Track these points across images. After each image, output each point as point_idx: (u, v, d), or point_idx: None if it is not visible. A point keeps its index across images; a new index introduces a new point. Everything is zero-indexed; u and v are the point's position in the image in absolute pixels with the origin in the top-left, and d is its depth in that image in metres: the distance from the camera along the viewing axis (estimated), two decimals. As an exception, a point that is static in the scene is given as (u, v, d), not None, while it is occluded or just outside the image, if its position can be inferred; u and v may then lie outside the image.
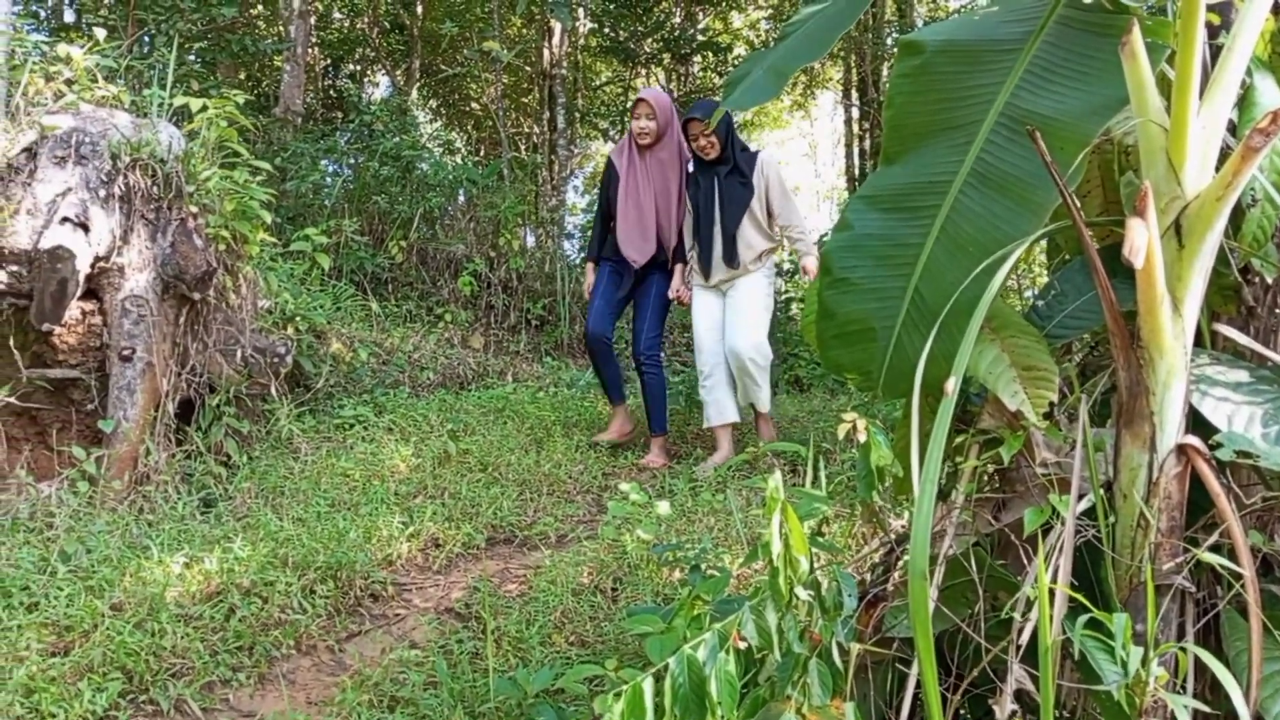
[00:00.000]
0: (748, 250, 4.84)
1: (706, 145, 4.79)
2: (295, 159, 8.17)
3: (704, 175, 4.92)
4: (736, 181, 4.83)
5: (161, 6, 7.81)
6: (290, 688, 2.51)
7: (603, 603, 2.99)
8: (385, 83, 16.38)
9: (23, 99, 4.62)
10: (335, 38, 14.93)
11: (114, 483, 3.56)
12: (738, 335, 4.78)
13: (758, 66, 2.29)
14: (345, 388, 5.49)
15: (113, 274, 3.91)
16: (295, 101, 10.72)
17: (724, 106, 2.24)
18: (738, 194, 4.82)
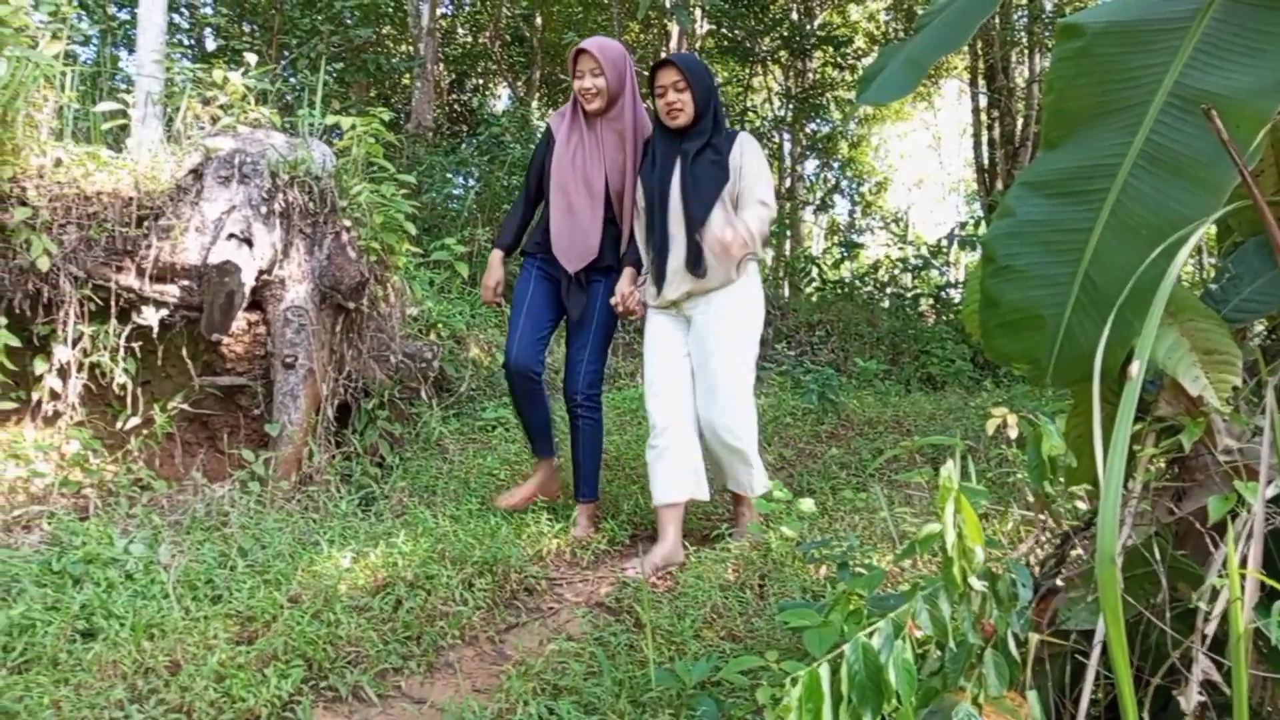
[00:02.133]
0: (720, 254, 3.42)
1: (676, 103, 3.41)
2: (429, 172, 8.47)
3: (664, 146, 3.51)
4: (709, 160, 3.44)
5: (302, 30, 8.21)
6: (455, 675, 2.62)
7: (751, 599, 3.01)
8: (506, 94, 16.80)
9: (183, 124, 4.93)
10: (459, 53, 15.39)
11: (281, 483, 3.77)
12: (713, 398, 3.44)
13: (893, 60, 2.28)
14: (485, 391, 5.66)
15: (275, 286, 4.14)
16: (426, 116, 11.10)
17: (860, 102, 2.22)
18: (708, 176, 3.43)
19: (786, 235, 12.70)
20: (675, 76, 3.40)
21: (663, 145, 3.51)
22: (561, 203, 3.62)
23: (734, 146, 3.48)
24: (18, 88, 3.89)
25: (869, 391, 7.06)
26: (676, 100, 3.41)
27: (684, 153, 3.47)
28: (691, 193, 3.43)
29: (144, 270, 3.89)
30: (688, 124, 3.45)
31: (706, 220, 3.40)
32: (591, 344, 3.65)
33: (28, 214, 3.74)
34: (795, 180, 15.62)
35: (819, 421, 5.68)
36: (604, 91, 3.53)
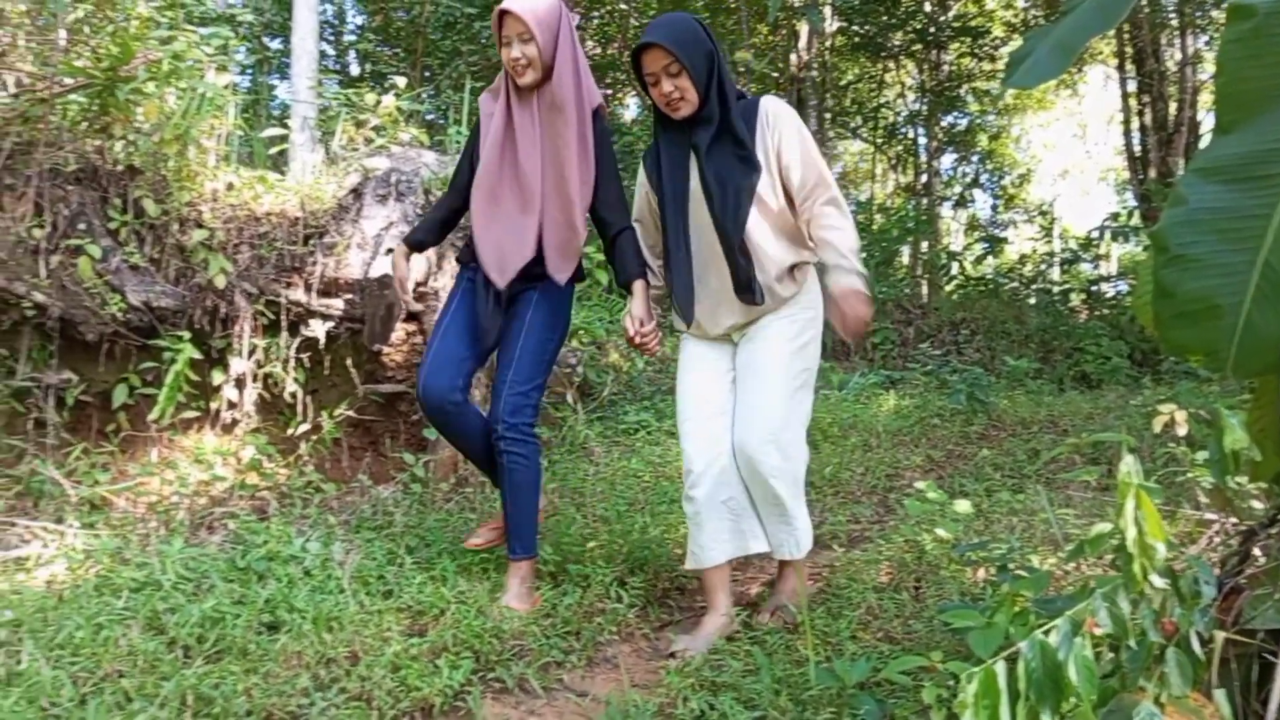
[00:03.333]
0: (772, 267, 2.71)
1: (674, 93, 2.64)
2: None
3: (672, 147, 2.77)
4: (730, 152, 2.68)
5: (444, 52, 8.54)
6: (616, 670, 2.68)
7: (907, 601, 2.98)
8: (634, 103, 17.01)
9: (339, 146, 5.20)
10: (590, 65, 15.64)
11: (440, 484, 3.94)
12: (751, 422, 2.71)
13: (1040, 44, 2.22)
14: (626, 395, 5.76)
15: (429, 297, 4.33)
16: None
17: (1006, 85, 2.16)
18: (735, 173, 2.67)
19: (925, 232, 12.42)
20: (665, 59, 2.60)
21: (666, 141, 2.76)
22: (485, 201, 2.92)
23: (759, 124, 2.69)
24: (192, 117, 4.20)
25: (1020, 391, 6.85)
26: (673, 89, 2.62)
27: (696, 144, 2.69)
28: (717, 200, 2.65)
29: (311, 285, 4.13)
30: (693, 112, 2.67)
31: (744, 232, 2.66)
32: (519, 362, 2.89)
33: (205, 235, 4.03)
34: (932, 175, 15.26)
35: (968, 422, 5.55)
36: (536, 61, 2.78)
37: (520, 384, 2.89)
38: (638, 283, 2.86)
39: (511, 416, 2.87)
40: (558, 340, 3.01)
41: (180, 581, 2.82)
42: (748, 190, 2.65)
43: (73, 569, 3.04)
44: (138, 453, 3.88)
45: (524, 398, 2.90)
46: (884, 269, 10.36)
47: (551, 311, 2.96)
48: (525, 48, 2.77)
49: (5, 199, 3.64)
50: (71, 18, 4.14)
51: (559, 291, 2.97)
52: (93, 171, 3.90)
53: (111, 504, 3.61)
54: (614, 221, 2.92)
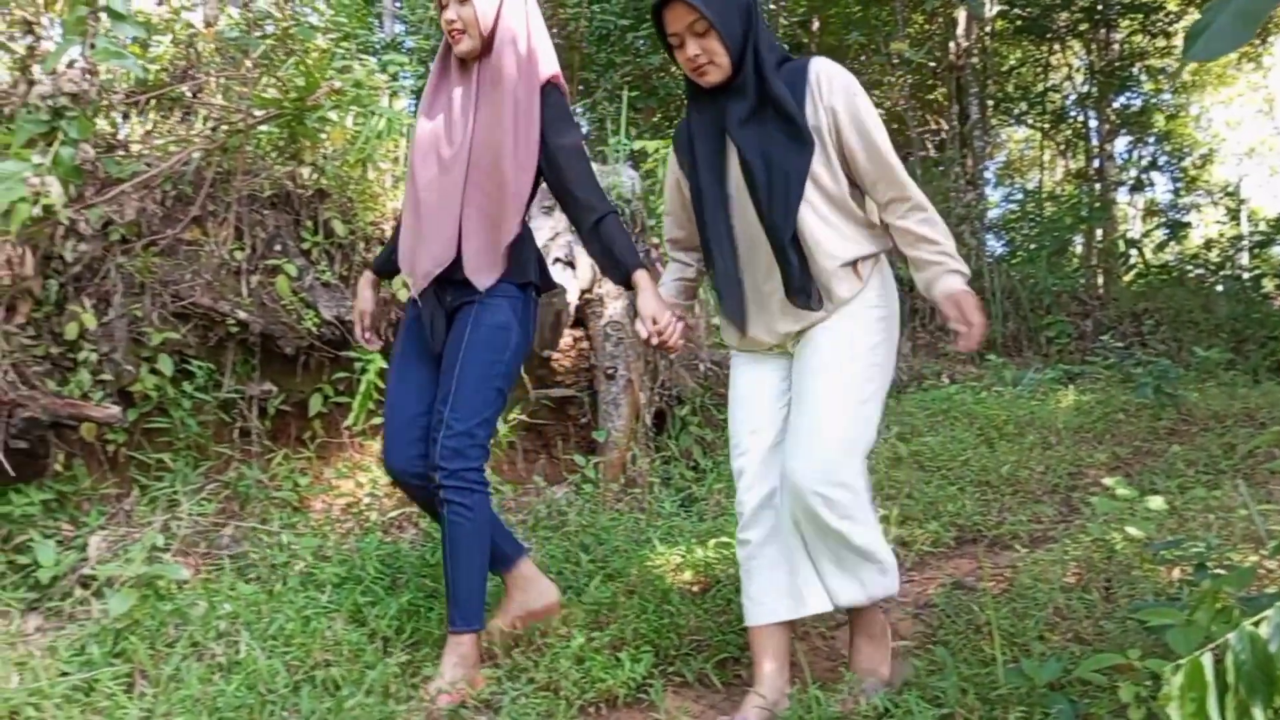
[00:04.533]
0: (828, 263, 2.22)
1: (700, 56, 2.19)
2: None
3: (705, 125, 2.30)
4: (775, 127, 2.20)
5: (599, 64, 8.74)
6: (792, 668, 2.68)
7: (1097, 601, 2.86)
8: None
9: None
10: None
11: (610, 485, 4.04)
12: (801, 452, 2.22)
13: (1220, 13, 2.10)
14: (790, 396, 5.74)
15: (595, 304, 4.45)
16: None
17: (1187, 58, 2.06)
18: (782, 151, 2.19)
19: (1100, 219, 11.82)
20: (690, 15, 2.15)
21: (698, 118, 2.29)
22: (409, 190, 2.51)
23: (809, 89, 2.19)
24: (372, 141, 4.45)
25: (1211, 383, 6.44)
26: (699, 53, 2.17)
27: (729, 119, 2.22)
28: (762, 187, 2.18)
29: (484, 295, 4.31)
30: (724, 79, 2.21)
31: (797, 220, 2.17)
32: (456, 396, 2.37)
33: (389, 252, 4.26)
34: (1105, 160, 14.51)
35: (1156, 417, 5.26)
36: (473, 25, 2.36)
37: (460, 422, 2.36)
38: (639, 274, 2.32)
39: (450, 462, 2.36)
40: (509, 362, 2.44)
41: (378, 577, 2.99)
42: (798, 173, 2.15)
43: (279, 566, 3.28)
44: (332, 457, 4.15)
45: (466, 438, 2.37)
46: (1056, 260, 9.92)
47: (497, 327, 2.40)
48: (461, 8, 2.36)
49: (209, 225, 3.96)
50: (258, 52, 4.46)
51: (507, 302, 2.43)
52: (285, 196, 4.19)
53: (310, 505, 3.87)
54: (589, 206, 2.38)
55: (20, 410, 3.14)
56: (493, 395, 2.43)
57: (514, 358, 2.47)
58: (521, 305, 2.48)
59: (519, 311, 2.47)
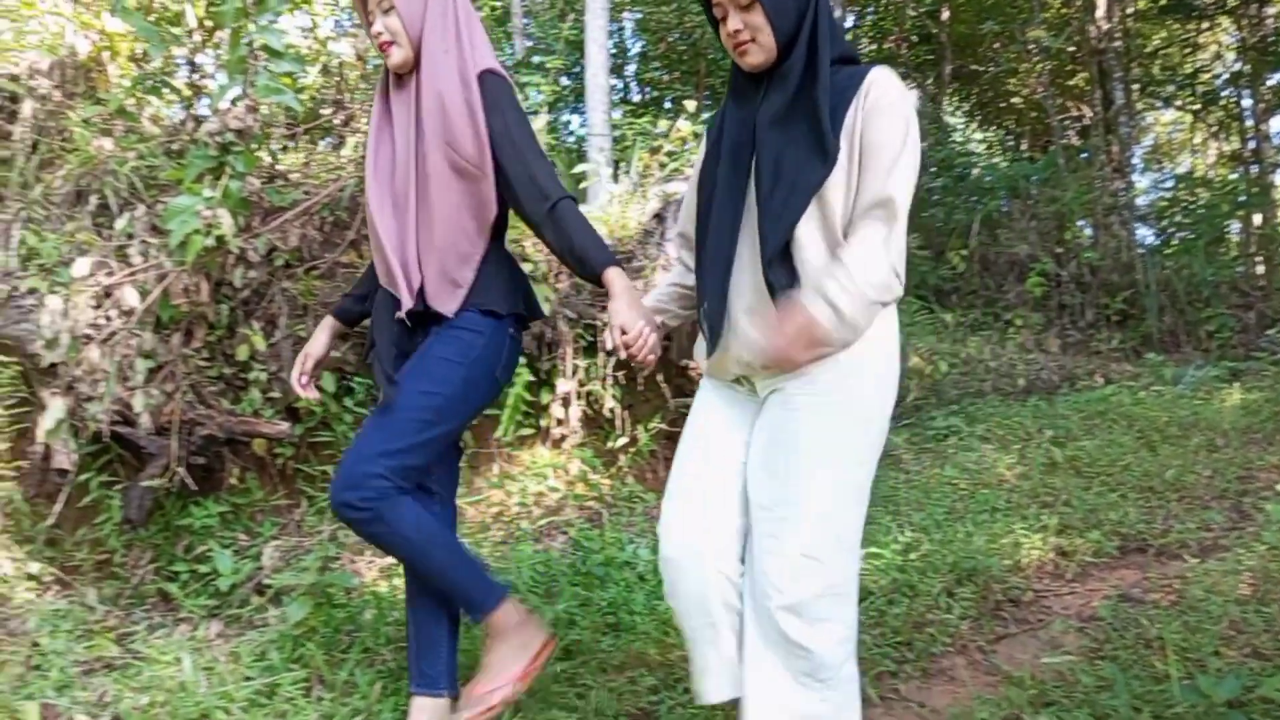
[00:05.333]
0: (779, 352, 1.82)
1: (741, 33, 1.87)
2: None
3: (739, 112, 1.98)
4: (802, 131, 1.85)
5: (724, 70, 8.74)
6: (951, 683, 2.63)
7: (1276, 615, 2.71)
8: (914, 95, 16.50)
9: (636, 173, 5.47)
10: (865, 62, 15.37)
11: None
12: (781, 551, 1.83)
13: None
14: (931, 400, 5.61)
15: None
16: (841, 131, 11.23)
17: None
18: (798, 161, 1.84)
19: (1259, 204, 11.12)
20: None
21: (734, 105, 1.99)
22: (370, 233, 2.28)
23: (855, 100, 1.82)
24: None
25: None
26: (740, 28, 1.86)
27: (759, 111, 1.90)
28: (764, 193, 1.86)
29: (623, 307, 4.38)
30: (768, 63, 1.89)
31: (787, 240, 1.82)
32: (377, 420, 2.10)
33: (530, 267, 4.37)
34: (1261, 141, 13.64)
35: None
36: (400, 34, 2.15)
37: (364, 450, 2.05)
38: (611, 272, 2.02)
39: (341, 491, 2.02)
40: (450, 397, 2.11)
41: (533, 585, 3.08)
42: (805, 187, 1.81)
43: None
44: (482, 467, 4.28)
45: (366, 465, 2.02)
46: (1213, 249, 9.39)
47: (442, 359, 2.12)
48: (386, 19, 2.16)
49: (364, 248, 4.14)
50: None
51: (466, 334, 2.14)
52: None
53: (463, 514, 4.00)
54: (540, 193, 2.08)
55: (199, 428, 3.36)
56: (413, 427, 2.07)
57: (457, 394, 2.11)
58: (483, 339, 2.14)
59: (476, 346, 2.13)
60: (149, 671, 2.56)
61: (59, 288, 3.32)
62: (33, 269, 3.67)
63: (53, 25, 4.38)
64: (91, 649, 2.81)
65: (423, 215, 2.16)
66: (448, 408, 2.11)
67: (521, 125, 2.16)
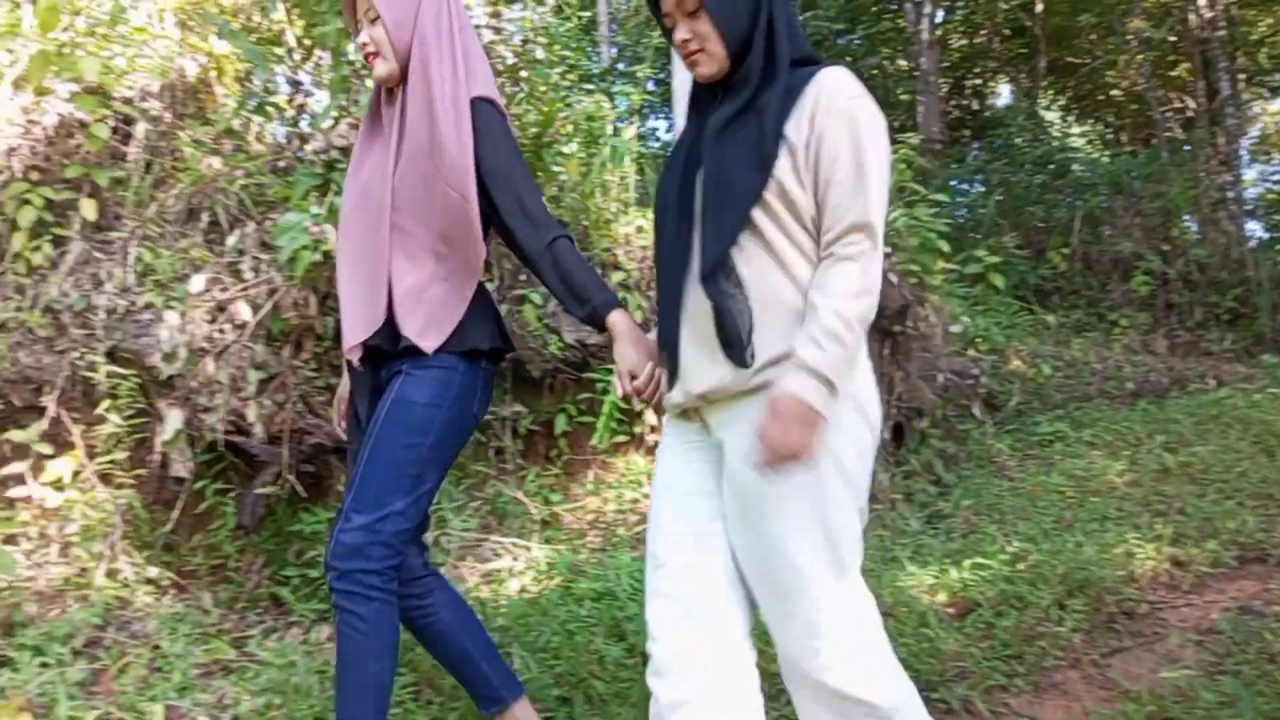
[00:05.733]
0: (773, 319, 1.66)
1: (690, 42, 1.73)
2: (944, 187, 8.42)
3: (692, 128, 1.84)
4: (749, 140, 1.68)
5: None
6: (1064, 698, 2.56)
7: None
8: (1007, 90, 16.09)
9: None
10: (956, 57, 15.09)
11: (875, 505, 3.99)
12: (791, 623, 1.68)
13: None
14: (1034, 405, 5.47)
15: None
16: (932, 129, 11.03)
17: None
18: (740, 170, 1.69)
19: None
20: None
21: (692, 118, 1.84)
22: (339, 244, 2.17)
23: (800, 102, 1.65)
24: (604, 170, 4.61)
25: None
26: (688, 37, 1.72)
27: (708, 128, 1.74)
28: (708, 199, 1.71)
29: (717, 313, 4.37)
30: (720, 72, 1.74)
31: (725, 257, 1.66)
32: (361, 482, 1.98)
33: (623, 276, 4.40)
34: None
35: None
36: (385, 46, 2.02)
37: (360, 514, 1.95)
38: (615, 316, 1.91)
39: (344, 561, 1.94)
40: (432, 445, 2.00)
41: (633, 592, 3.09)
42: (743, 194, 1.65)
43: (538, 580, 3.45)
44: (578, 474, 4.32)
45: (365, 534, 1.94)
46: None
47: (417, 403, 1.99)
48: (372, 29, 2.04)
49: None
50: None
51: (439, 373, 2.01)
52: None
53: (561, 520, 4.04)
54: (537, 229, 1.97)
55: (308, 437, 3.46)
56: (405, 484, 1.98)
57: (440, 439, 2.01)
58: (460, 378, 2.03)
59: (453, 385, 2.02)
60: (265, 674, 2.65)
61: (175, 303, 3.46)
62: (149, 285, 3.83)
63: (162, 49, 4.57)
64: (209, 652, 2.92)
65: (396, 244, 2.01)
66: (432, 458, 2.02)
67: (513, 157, 2.03)
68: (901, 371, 4.60)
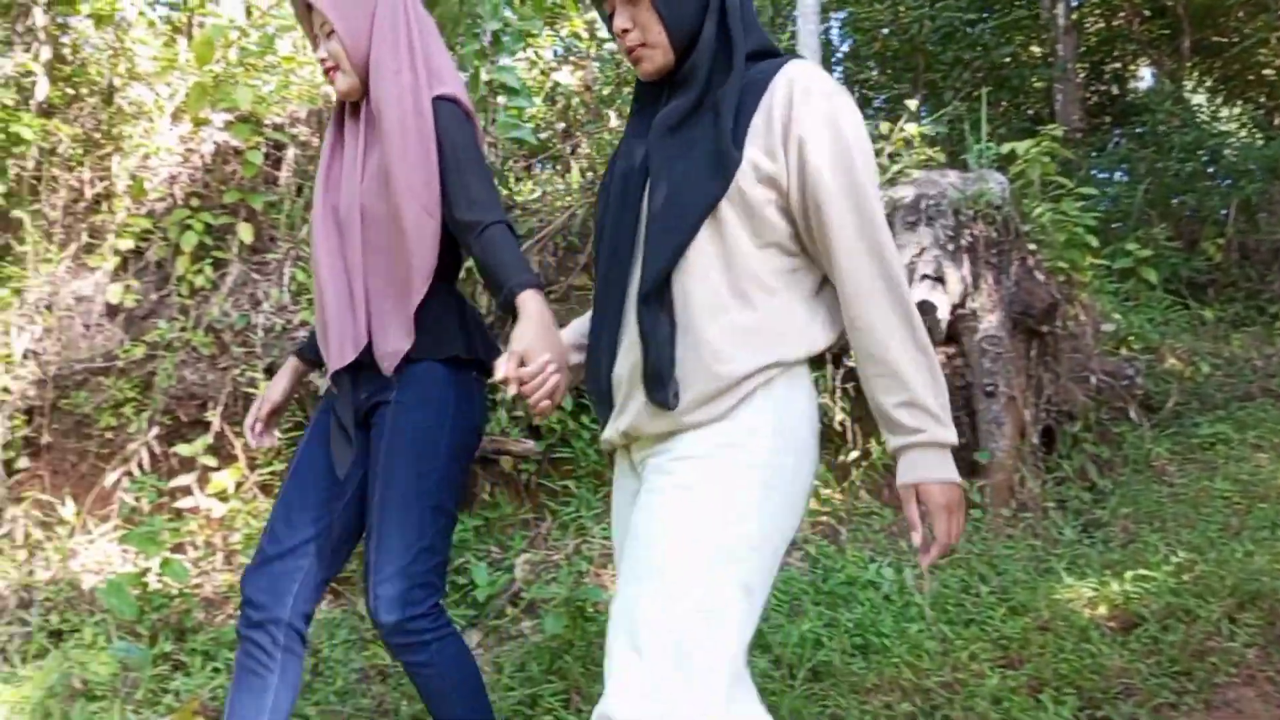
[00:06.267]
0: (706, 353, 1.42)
1: (632, 34, 1.52)
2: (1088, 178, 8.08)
3: (636, 129, 1.62)
4: (703, 141, 1.47)
5: (944, 63, 8.43)
6: (1239, 717, 2.42)
7: None
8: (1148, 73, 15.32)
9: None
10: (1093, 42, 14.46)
11: (1002, 510, 3.86)
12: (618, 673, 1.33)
13: None
14: (1193, 404, 5.18)
15: (968, 319, 4.28)
16: (1071, 117, 10.60)
17: None
18: (692, 171, 1.46)
19: None
20: None
21: (635, 121, 1.64)
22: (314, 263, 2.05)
23: (764, 102, 1.46)
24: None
25: None
26: (630, 27, 1.52)
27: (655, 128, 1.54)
28: (655, 207, 1.49)
29: (852, 317, 4.31)
30: (666, 67, 1.54)
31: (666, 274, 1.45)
32: (382, 530, 1.86)
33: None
34: None
35: None
36: (343, 58, 1.95)
37: (390, 563, 1.83)
38: (526, 295, 1.70)
39: (389, 614, 1.82)
40: (443, 468, 1.89)
41: (776, 603, 3.07)
42: (694, 206, 1.44)
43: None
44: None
45: (402, 581, 1.83)
46: None
47: (418, 430, 1.89)
48: (328, 43, 1.96)
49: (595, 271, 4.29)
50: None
51: (431, 390, 1.92)
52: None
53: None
54: (473, 218, 1.84)
55: (453, 448, 3.56)
56: (429, 517, 1.87)
57: (450, 460, 1.90)
58: (452, 390, 1.93)
59: (449, 403, 1.92)
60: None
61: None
62: (304, 303, 4.02)
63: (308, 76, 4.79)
64: (367, 657, 3.04)
65: (370, 261, 1.95)
66: (445, 484, 1.89)
67: (468, 148, 1.93)
68: (1051, 373, 4.43)
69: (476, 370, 1.98)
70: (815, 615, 3.01)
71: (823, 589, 3.21)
